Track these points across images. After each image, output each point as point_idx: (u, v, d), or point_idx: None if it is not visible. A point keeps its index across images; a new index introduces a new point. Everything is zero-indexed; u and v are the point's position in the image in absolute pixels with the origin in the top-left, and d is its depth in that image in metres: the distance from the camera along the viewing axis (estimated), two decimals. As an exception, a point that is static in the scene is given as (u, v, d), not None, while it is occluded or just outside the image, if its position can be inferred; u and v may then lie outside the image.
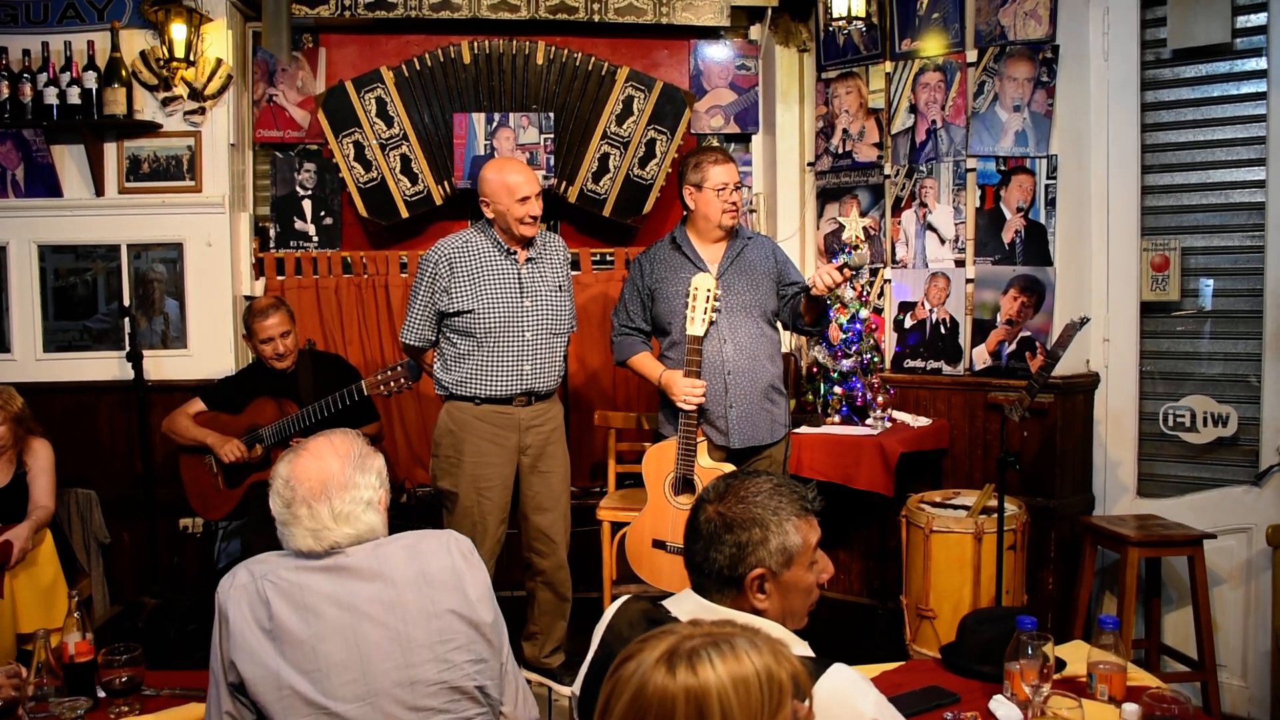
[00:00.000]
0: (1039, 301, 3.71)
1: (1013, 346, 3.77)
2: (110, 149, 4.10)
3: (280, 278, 4.32)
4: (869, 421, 3.82)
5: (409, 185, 4.24)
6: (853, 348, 3.91)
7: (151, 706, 2.03)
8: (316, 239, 4.39)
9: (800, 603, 1.60)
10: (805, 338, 4.16)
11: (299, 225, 4.38)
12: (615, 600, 1.69)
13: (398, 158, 4.21)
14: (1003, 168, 3.77)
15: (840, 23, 3.87)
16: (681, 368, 3.14)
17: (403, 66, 4.20)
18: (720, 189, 3.19)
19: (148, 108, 4.08)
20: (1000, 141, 3.77)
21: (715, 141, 4.57)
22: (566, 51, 4.26)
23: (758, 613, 1.55)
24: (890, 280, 4.12)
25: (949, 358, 3.94)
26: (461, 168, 4.19)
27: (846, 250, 3.95)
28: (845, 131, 4.23)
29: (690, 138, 4.47)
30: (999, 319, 3.80)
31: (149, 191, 4.12)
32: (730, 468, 3.09)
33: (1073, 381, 3.64)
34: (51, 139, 4.02)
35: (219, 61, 4.08)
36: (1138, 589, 3.29)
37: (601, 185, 4.29)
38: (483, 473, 3.22)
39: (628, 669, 1.09)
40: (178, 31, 3.92)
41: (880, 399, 3.87)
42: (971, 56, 3.83)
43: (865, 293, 4.02)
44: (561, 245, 3.43)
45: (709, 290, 3.07)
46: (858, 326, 3.92)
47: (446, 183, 4.26)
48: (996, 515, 3.14)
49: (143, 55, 4.03)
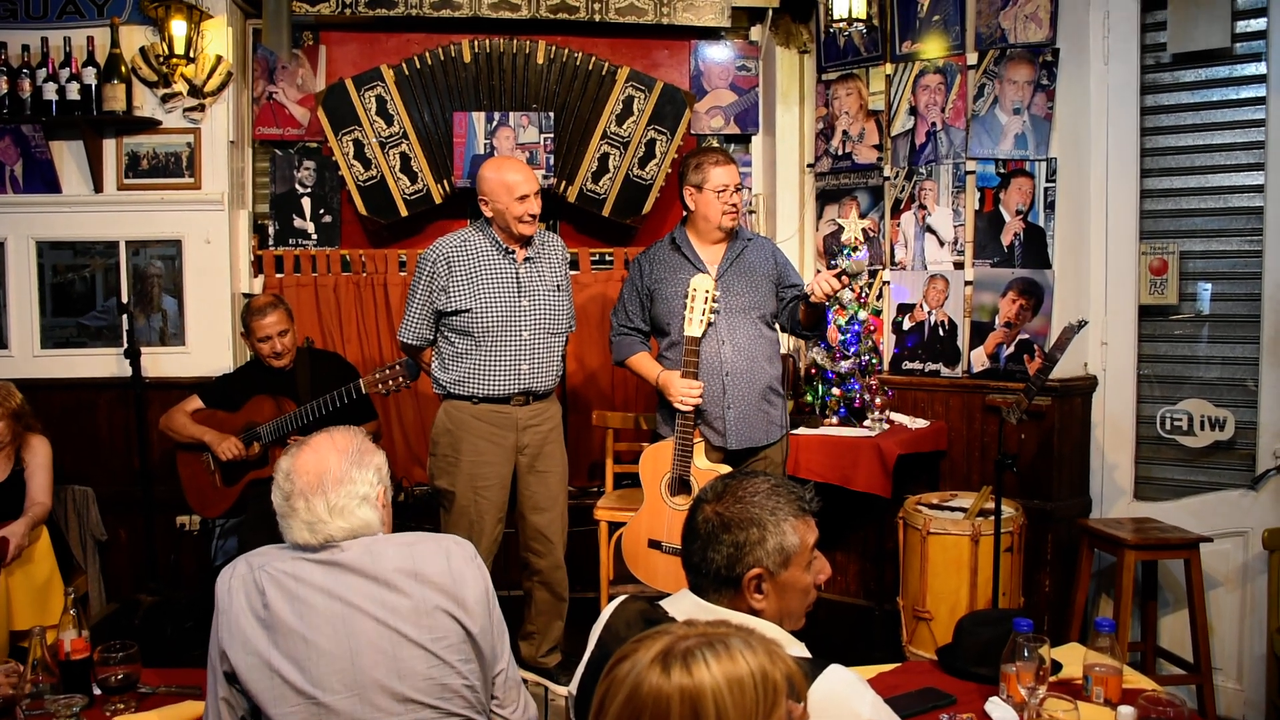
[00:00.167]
0: (1037, 304, 3.71)
1: (1011, 349, 3.78)
2: (109, 145, 4.10)
3: (279, 275, 4.32)
4: (867, 423, 3.82)
5: (408, 184, 4.23)
6: (851, 349, 3.92)
7: (147, 704, 2.04)
8: (315, 237, 4.39)
9: (798, 603, 1.60)
10: (804, 340, 4.16)
11: (298, 223, 4.38)
12: (612, 600, 1.69)
13: (397, 156, 4.21)
14: (1002, 170, 3.78)
15: (841, 24, 3.87)
16: (679, 368, 3.14)
17: (403, 65, 4.20)
18: (721, 190, 3.19)
19: (147, 104, 4.08)
20: (1000, 144, 3.77)
21: (715, 142, 4.57)
22: (567, 51, 4.26)
23: (755, 613, 1.55)
24: (889, 282, 4.12)
25: (947, 360, 3.95)
26: (461, 167, 4.19)
27: (846, 254, 3.95)
28: (845, 133, 4.23)
29: (690, 138, 4.47)
30: (997, 321, 3.80)
31: (148, 188, 4.11)
32: (727, 469, 3.09)
33: (1070, 384, 3.64)
34: (50, 135, 4.01)
35: (219, 58, 4.08)
36: (1134, 592, 3.29)
37: (601, 185, 4.29)
38: (480, 472, 3.22)
39: (623, 669, 1.09)
40: (178, 28, 3.92)
41: (878, 400, 3.87)
42: (972, 59, 3.83)
43: (864, 294, 4.02)
44: (560, 245, 3.43)
45: (708, 291, 3.07)
46: (856, 328, 3.92)
47: (446, 181, 4.26)
48: (993, 517, 3.14)
49: (142, 51, 4.02)
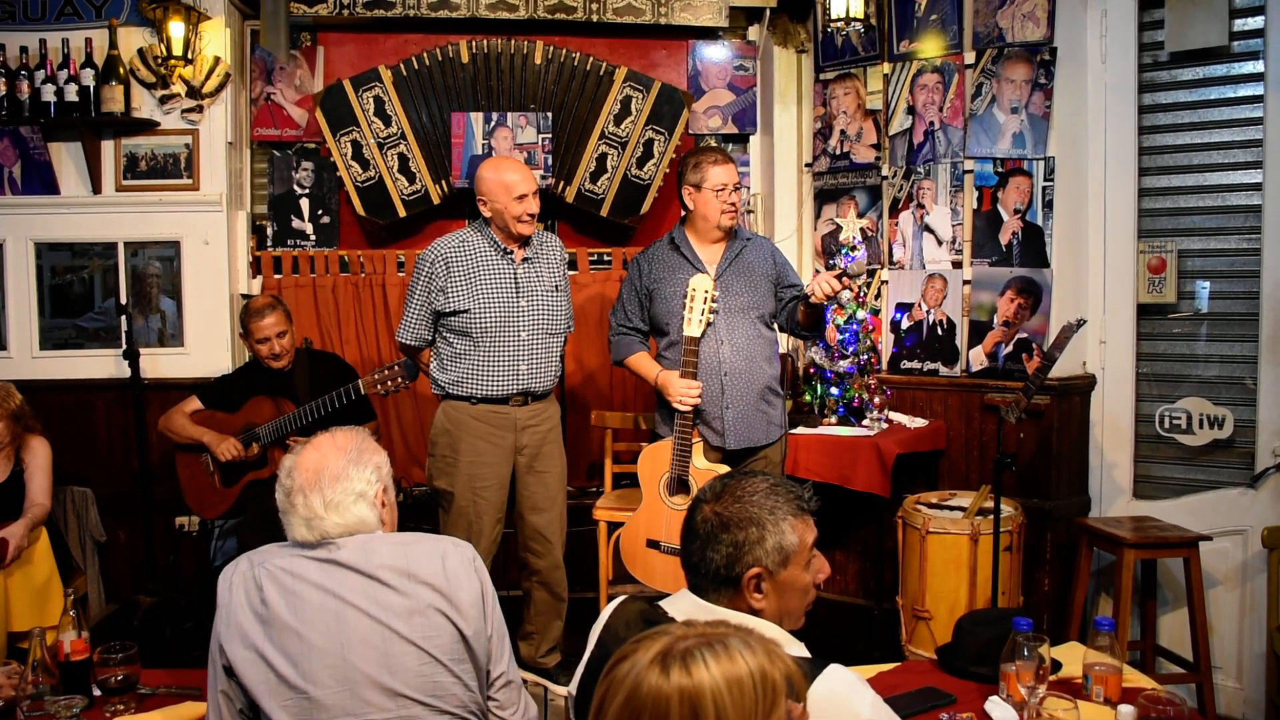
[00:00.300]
0: (1036, 303, 3.71)
1: (1009, 348, 3.78)
2: (108, 147, 4.09)
3: (277, 276, 4.32)
4: (866, 422, 3.82)
5: (407, 184, 4.23)
6: (850, 349, 3.92)
7: (147, 705, 2.04)
8: (314, 238, 4.38)
9: (797, 602, 1.60)
10: (802, 340, 4.16)
11: (296, 224, 4.38)
12: (612, 600, 1.69)
13: (395, 157, 4.21)
14: (1000, 169, 3.78)
15: (838, 24, 3.87)
16: (678, 368, 3.14)
17: (401, 66, 4.20)
18: (719, 189, 3.19)
19: (145, 106, 4.07)
20: (998, 143, 3.77)
21: (713, 142, 4.57)
22: (565, 51, 4.26)
23: (755, 612, 1.55)
24: (887, 281, 4.13)
25: (946, 359, 3.95)
26: (459, 167, 4.19)
27: (845, 255, 3.95)
28: (843, 132, 4.23)
29: (688, 138, 4.47)
30: (996, 320, 3.80)
31: (146, 189, 4.11)
32: (725, 469, 3.09)
33: (1069, 383, 3.64)
34: (49, 136, 4.01)
35: (217, 60, 4.08)
36: (1133, 591, 3.29)
37: (599, 185, 4.29)
38: (479, 472, 3.22)
39: (622, 670, 1.09)
40: (176, 29, 3.92)
41: (877, 400, 3.87)
42: (969, 58, 3.83)
43: (862, 294, 4.02)
44: (558, 245, 3.43)
45: (707, 291, 3.07)
46: (854, 327, 3.92)
47: (444, 182, 4.26)
48: (993, 516, 3.15)
49: (140, 53, 4.02)
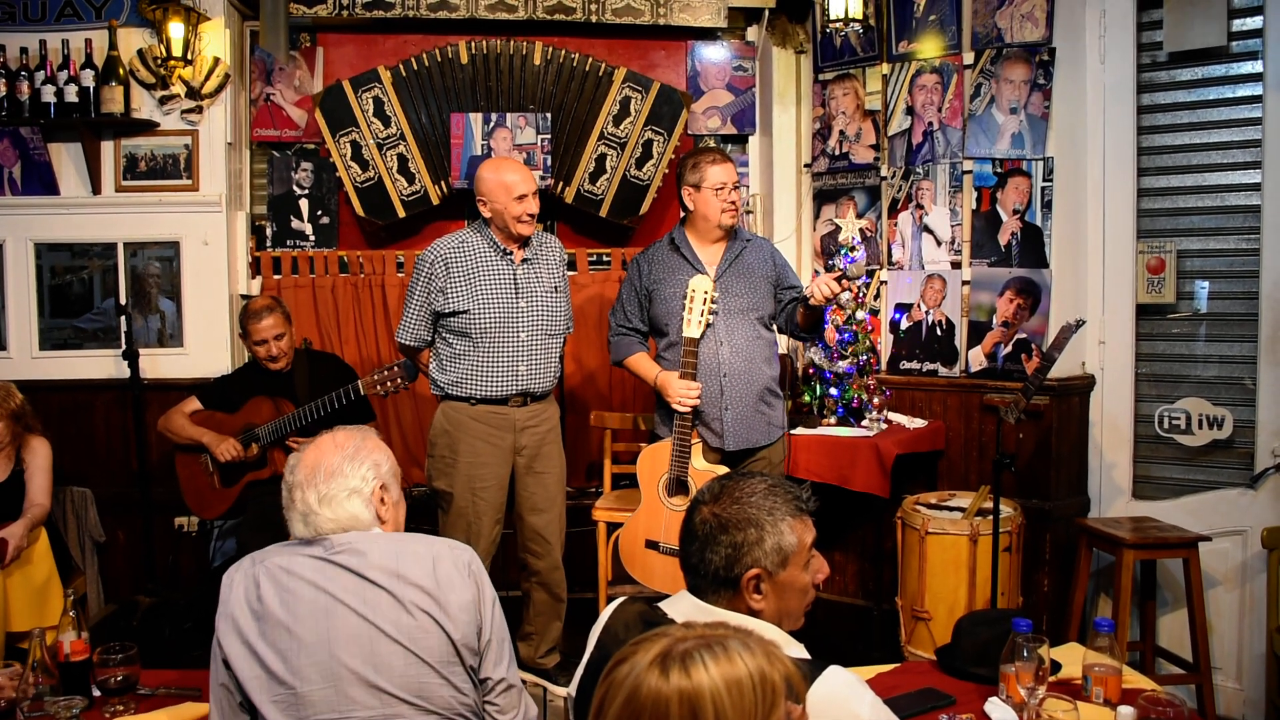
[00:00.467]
0: (1035, 303, 3.71)
1: (1008, 348, 3.78)
2: (107, 147, 4.09)
3: (277, 277, 4.31)
4: (865, 423, 3.82)
5: (406, 185, 4.23)
6: (849, 349, 3.92)
7: (147, 706, 2.04)
8: (313, 238, 4.38)
9: (796, 603, 1.60)
10: (801, 341, 4.16)
11: (296, 224, 4.38)
12: (611, 601, 1.69)
13: (395, 157, 4.21)
14: (999, 170, 3.78)
15: (837, 24, 3.86)
16: (678, 369, 3.14)
17: (400, 66, 4.20)
18: (719, 189, 3.19)
19: (145, 106, 4.08)
20: (997, 143, 3.78)
21: (712, 142, 4.57)
22: (564, 52, 4.26)
23: (754, 613, 1.55)
24: (886, 282, 4.13)
25: (945, 359, 3.95)
26: (459, 168, 4.19)
27: (845, 256, 3.95)
28: (842, 133, 4.23)
29: (687, 139, 4.47)
30: (995, 321, 3.81)
31: (146, 190, 4.11)
32: (724, 469, 3.09)
33: (1068, 383, 3.64)
34: (49, 137, 4.01)
35: (216, 60, 4.08)
36: (1133, 591, 3.29)
37: (598, 186, 4.29)
38: (478, 473, 3.22)
39: (621, 672, 1.09)
40: (175, 30, 3.92)
41: (876, 400, 3.87)
42: (968, 59, 3.83)
43: (861, 294, 4.02)
44: (558, 246, 3.43)
45: (706, 292, 3.07)
46: (854, 328, 3.92)
47: (444, 183, 4.26)
48: (992, 517, 3.15)
49: (140, 54, 4.02)
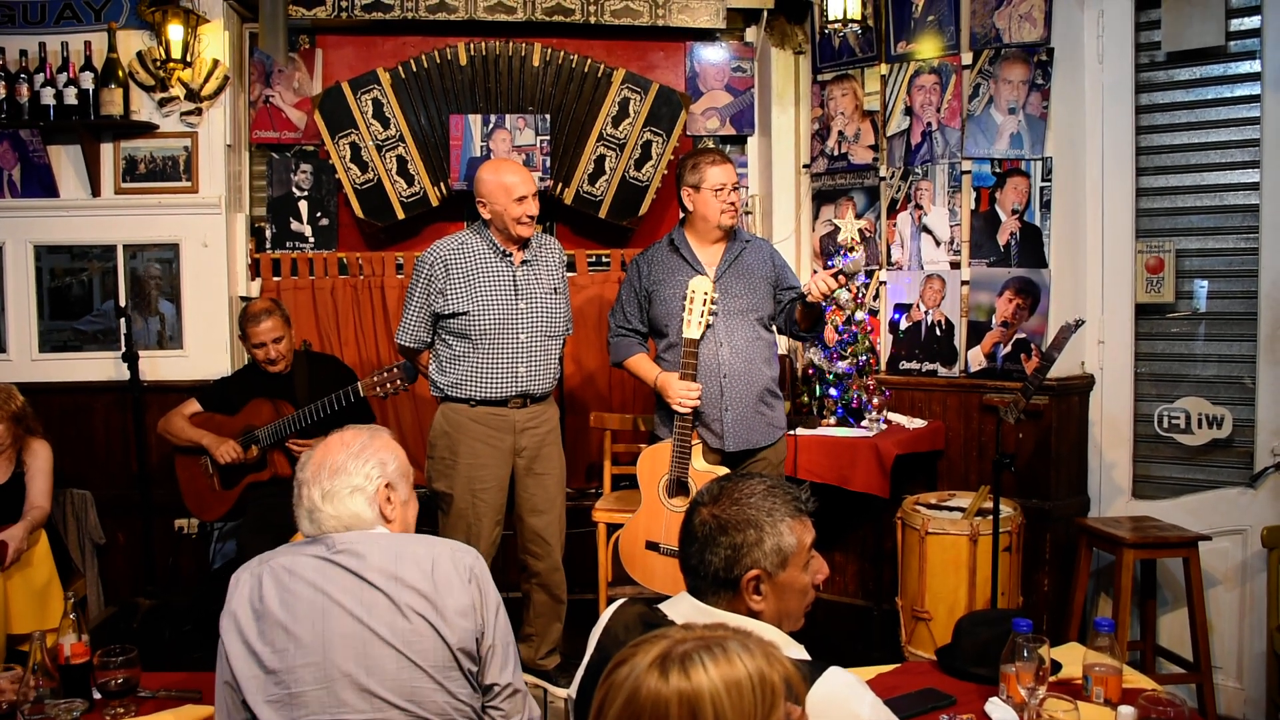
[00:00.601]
0: (1034, 303, 3.72)
1: (1008, 348, 3.78)
2: (107, 149, 4.10)
3: (276, 279, 4.31)
4: (865, 423, 3.83)
5: (405, 186, 4.23)
6: (848, 349, 3.92)
7: (147, 708, 2.03)
8: (312, 240, 4.39)
9: (796, 604, 1.60)
10: (801, 341, 4.17)
11: (295, 226, 4.38)
12: (612, 603, 1.69)
13: (394, 159, 4.21)
14: (998, 170, 3.78)
15: (836, 25, 3.86)
16: (677, 370, 3.14)
17: (399, 68, 4.20)
18: (718, 189, 3.19)
19: (144, 108, 4.08)
20: (995, 144, 3.78)
21: (711, 143, 4.57)
22: (563, 53, 4.26)
23: (754, 614, 1.55)
24: (885, 282, 4.13)
25: (944, 359, 3.95)
26: (458, 169, 4.19)
27: (842, 254, 3.95)
28: (841, 134, 4.23)
29: (686, 139, 4.47)
30: (994, 321, 3.81)
31: (145, 192, 4.11)
32: (725, 470, 3.09)
33: (1068, 383, 3.64)
34: (48, 139, 4.01)
35: (215, 62, 4.08)
36: (1133, 591, 3.29)
37: (597, 187, 4.29)
38: (478, 474, 3.22)
39: (621, 673, 1.09)
40: (174, 32, 3.92)
41: (876, 401, 3.87)
42: (967, 59, 3.84)
43: (861, 295, 4.03)
44: (557, 247, 3.43)
45: (706, 293, 3.07)
46: (853, 329, 3.92)
47: (443, 184, 4.26)
48: (992, 517, 3.15)
49: (139, 56, 4.03)
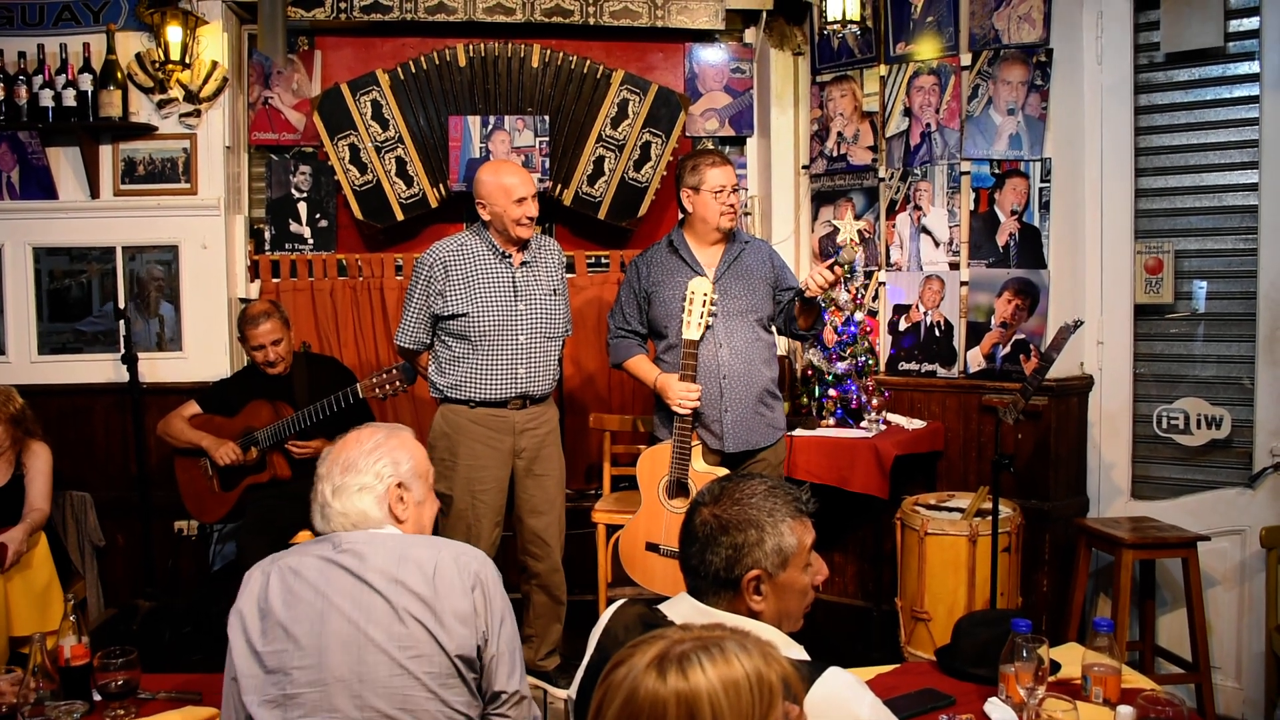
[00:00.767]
0: (1033, 304, 3.72)
1: (1007, 349, 3.78)
2: (105, 151, 4.09)
3: (275, 280, 4.32)
4: (864, 424, 3.83)
5: (404, 188, 4.23)
6: (847, 350, 3.92)
7: (147, 710, 2.03)
8: (311, 241, 4.39)
9: (796, 604, 1.60)
10: (800, 341, 4.17)
11: (294, 228, 4.38)
12: (611, 604, 1.69)
13: (393, 160, 4.21)
14: (997, 171, 3.79)
15: (834, 26, 3.86)
16: (677, 371, 3.14)
17: (398, 69, 4.20)
18: (718, 191, 3.20)
19: (143, 110, 4.08)
20: (994, 144, 3.78)
21: (710, 144, 4.57)
22: (561, 54, 4.27)
23: (754, 615, 1.55)
24: (885, 283, 4.13)
25: (943, 360, 3.95)
26: (457, 170, 4.19)
27: (838, 251, 3.95)
28: (840, 134, 4.24)
29: (685, 141, 4.47)
30: (993, 322, 3.81)
31: (144, 194, 4.11)
32: (724, 471, 3.09)
33: (1067, 384, 3.65)
34: (47, 141, 4.01)
35: (214, 64, 4.08)
36: (1132, 591, 3.29)
37: (596, 188, 4.29)
38: (477, 475, 3.22)
39: (619, 674, 1.10)
40: (173, 34, 3.92)
41: (875, 401, 3.87)
42: (966, 60, 3.84)
43: (860, 295, 4.03)
44: (556, 249, 3.43)
45: (706, 294, 3.07)
46: (852, 329, 3.92)
47: (442, 185, 4.26)
48: (991, 518, 3.15)
49: (138, 58, 4.03)
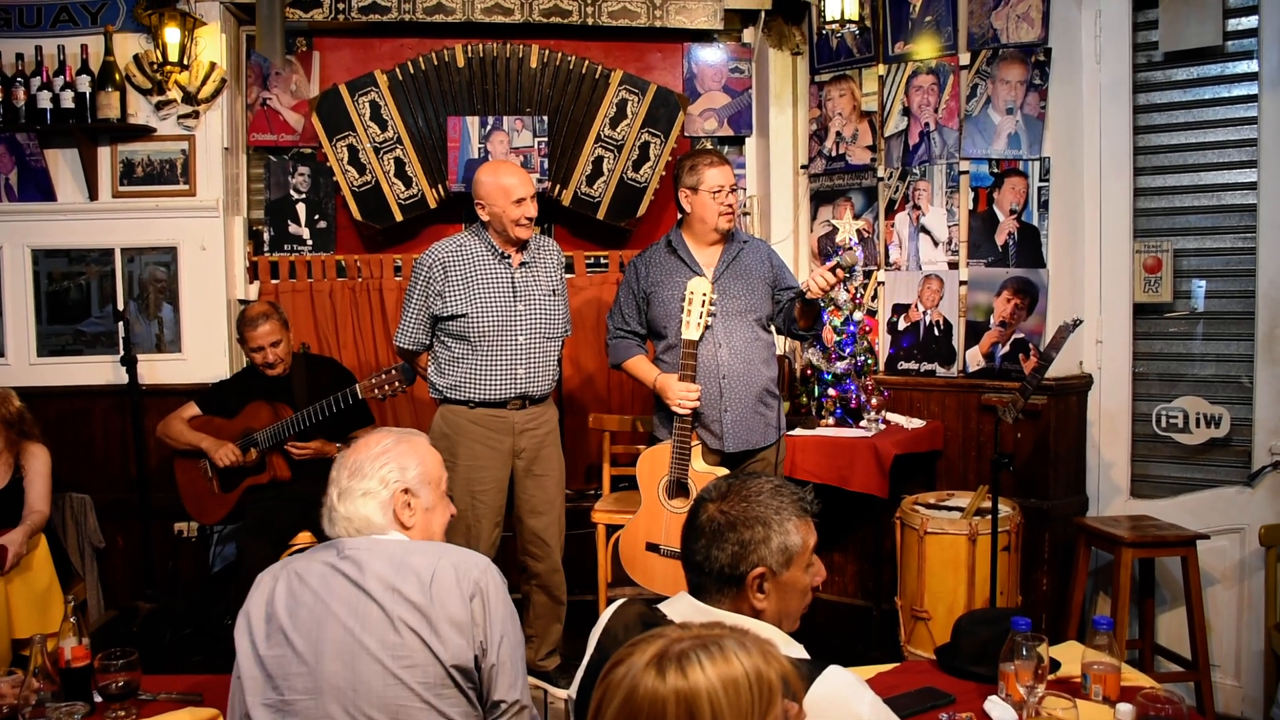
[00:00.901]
0: (1032, 303, 3.72)
1: (1006, 348, 3.78)
2: (104, 153, 4.09)
3: (274, 281, 4.31)
4: (863, 423, 3.83)
5: (403, 188, 4.23)
6: (846, 350, 3.92)
7: (148, 711, 2.04)
8: (310, 242, 4.39)
9: (796, 604, 1.61)
10: (800, 342, 4.17)
11: (293, 229, 4.38)
12: (611, 603, 1.69)
13: (392, 161, 4.21)
14: (995, 170, 3.79)
15: (833, 26, 3.86)
16: (677, 371, 3.14)
17: (396, 70, 4.20)
18: (716, 191, 3.20)
19: (141, 111, 4.08)
20: (993, 144, 3.78)
21: (709, 144, 4.57)
22: (560, 55, 4.27)
23: (756, 613, 1.55)
24: (884, 283, 4.13)
25: (943, 360, 3.95)
26: (455, 171, 4.19)
27: (839, 252, 3.95)
28: (839, 134, 4.24)
29: (684, 140, 4.47)
30: (992, 321, 3.81)
31: (143, 195, 4.11)
32: (724, 471, 3.09)
33: (1066, 383, 3.65)
34: (45, 143, 4.01)
35: (213, 65, 4.08)
36: (1131, 589, 3.29)
37: (595, 188, 4.29)
38: (477, 476, 3.22)
39: (618, 673, 1.10)
40: (171, 35, 3.92)
41: (874, 401, 3.87)
42: (964, 59, 3.84)
43: (859, 295, 4.03)
44: (555, 249, 3.43)
45: (705, 294, 3.08)
46: (851, 329, 3.92)
47: (440, 186, 4.26)
48: (991, 517, 3.15)
49: (136, 59, 4.02)
